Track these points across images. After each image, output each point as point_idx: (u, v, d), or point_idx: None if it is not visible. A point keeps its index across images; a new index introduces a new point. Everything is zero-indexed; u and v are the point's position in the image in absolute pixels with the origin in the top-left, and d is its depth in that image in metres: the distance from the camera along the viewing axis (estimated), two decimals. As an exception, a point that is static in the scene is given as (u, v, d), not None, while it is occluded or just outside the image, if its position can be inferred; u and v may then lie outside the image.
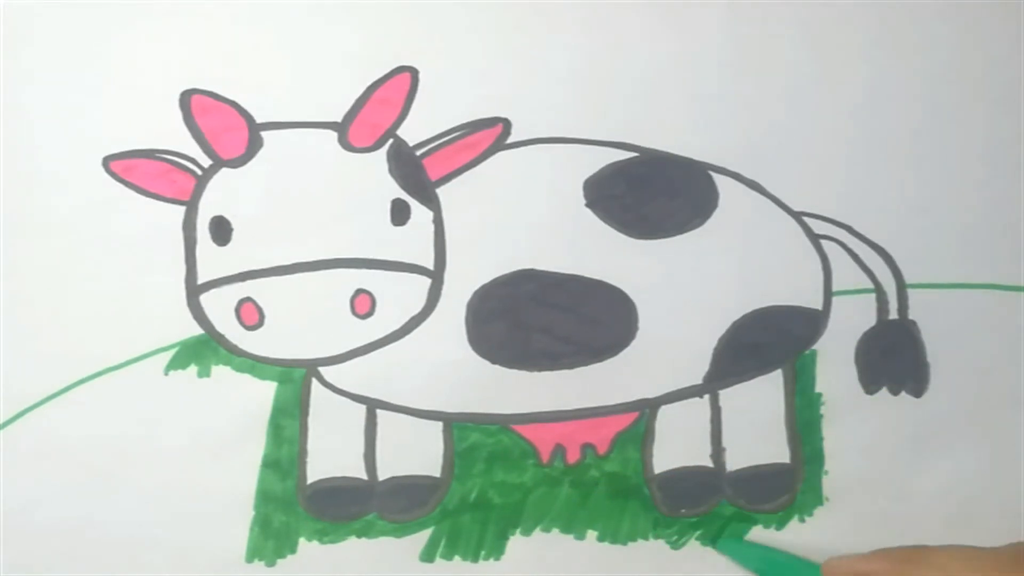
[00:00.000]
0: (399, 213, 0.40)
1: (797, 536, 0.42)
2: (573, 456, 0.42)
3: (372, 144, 0.40)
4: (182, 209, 0.40)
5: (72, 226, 0.40)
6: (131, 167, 0.40)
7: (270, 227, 0.40)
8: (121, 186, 0.40)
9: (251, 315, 0.40)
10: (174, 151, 0.40)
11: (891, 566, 0.37)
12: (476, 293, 0.41)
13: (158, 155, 0.40)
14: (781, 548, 0.42)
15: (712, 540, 0.42)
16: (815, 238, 0.41)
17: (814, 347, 0.41)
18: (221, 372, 0.41)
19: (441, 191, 0.41)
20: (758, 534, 0.42)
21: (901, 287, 0.41)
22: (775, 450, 0.42)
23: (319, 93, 0.40)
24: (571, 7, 0.40)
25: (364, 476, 0.42)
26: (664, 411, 0.41)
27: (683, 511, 0.42)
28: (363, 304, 0.40)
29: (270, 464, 0.41)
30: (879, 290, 0.41)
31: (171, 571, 0.41)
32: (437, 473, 0.42)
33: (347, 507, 0.41)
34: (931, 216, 0.41)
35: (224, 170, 0.40)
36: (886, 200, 0.41)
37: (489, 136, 0.40)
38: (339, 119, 0.40)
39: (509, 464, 0.42)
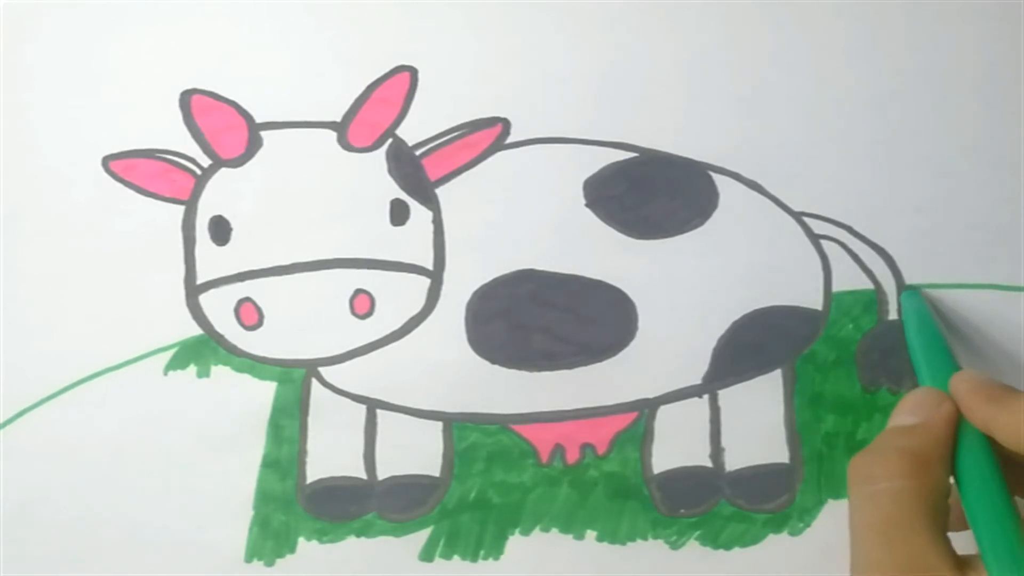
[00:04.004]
0: (398, 213, 0.40)
1: (797, 536, 0.42)
2: (572, 456, 0.42)
3: (371, 144, 0.40)
4: (181, 209, 0.40)
5: (72, 226, 0.40)
6: (131, 167, 0.40)
7: (269, 227, 0.40)
8: (121, 186, 0.40)
9: (250, 315, 0.40)
10: (174, 151, 0.40)
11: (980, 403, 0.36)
12: (476, 293, 0.41)
13: (158, 155, 0.40)
14: (783, 547, 0.42)
15: (712, 540, 0.42)
16: (815, 238, 0.41)
17: (814, 347, 0.41)
18: (220, 372, 0.41)
19: (441, 191, 0.41)
20: (771, 541, 0.42)
21: (901, 287, 0.41)
22: (774, 450, 0.42)
23: (319, 93, 0.40)
24: (571, 7, 0.40)
25: (363, 476, 0.42)
26: (663, 411, 0.41)
27: (682, 511, 0.42)
28: (363, 304, 0.40)
29: (270, 464, 0.41)
30: (879, 290, 0.41)
31: (171, 571, 0.41)
32: (436, 473, 0.42)
33: (346, 507, 0.41)
34: (931, 216, 0.41)
35: (223, 170, 0.40)
36: (886, 200, 0.41)
37: (489, 136, 0.40)
38: (338, 119, 0.40)
39: (508, 464, 0.42)
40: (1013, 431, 0.34)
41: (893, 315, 0.41)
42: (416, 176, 0.40)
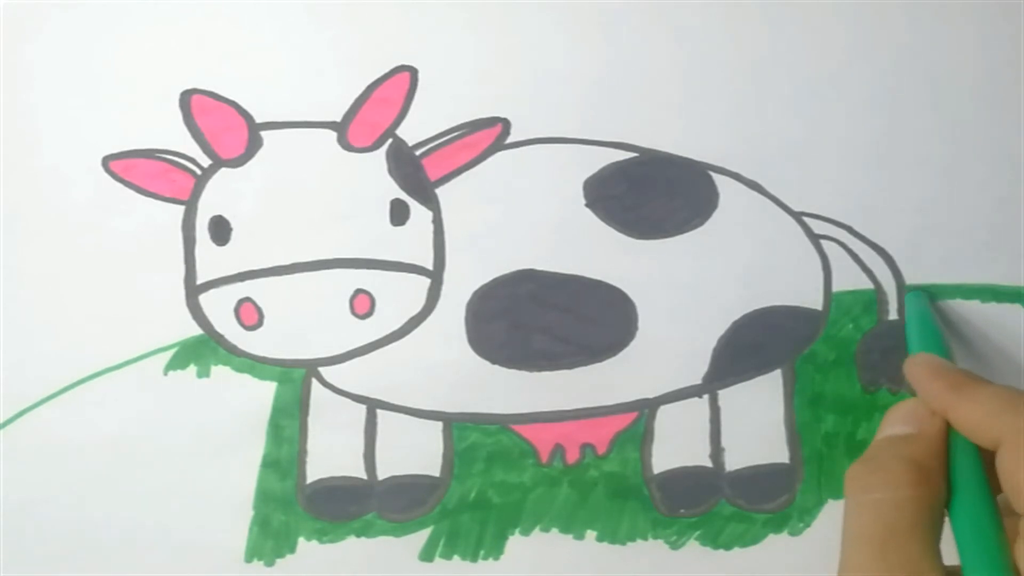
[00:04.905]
0: (398, 213, 0.40)
1: (797, 536, 0.42)
2: (572, 456, 0.42)
3: (371, 144, 0.40)
4: (181, 209, 0.40)
5: (72, 225, 0.40)
6: (130, 167, 0.40)
7: (269, 227, 0.40)
8: (121, 186, 0.40)
9: (250, 315, 0.40)
10: (174, 151, 0.40)
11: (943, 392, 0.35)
12: (476, 293, 0.41)
13: (157, 155, 0.40)
14: (783, 547, 0.42)
15: (712, 540, 0.42)
16: (815, 238, 0.41)
17: (814, 347, 0.41)
18: (220, 372, 0.41)
19: (441, 191, 0.41)
20: (771, 541, 0.42)
21: (901, 287, 0.41)
22: (774, 450, 0.42)
23: (319, 93, 0.40)
24: (571, 7, 0.40)
25: (364, 476, 0.42)
26: (663, 411, 0.41)
27: (682, 511, 0.42)
28: (362, 304, 0.40)
29: (270, 464, 0.41)
30: (879, 290, 0.41)
31: (171, 571, 0.41)
32: (436, 473, 0.42)
33: (346, 507, 0.42)
34: (931, 216, 0.41)
35: (223, 170, 0.40)
36: (886, 200, 0.41)
37: (489, 136, 0.40)
38: (338, 119, 0.40)
39: (508, 464, 0.42)
40: (974, 422, 0.33)
41: (893, 315, 0.41)
42: (416, 176, 0.40)
